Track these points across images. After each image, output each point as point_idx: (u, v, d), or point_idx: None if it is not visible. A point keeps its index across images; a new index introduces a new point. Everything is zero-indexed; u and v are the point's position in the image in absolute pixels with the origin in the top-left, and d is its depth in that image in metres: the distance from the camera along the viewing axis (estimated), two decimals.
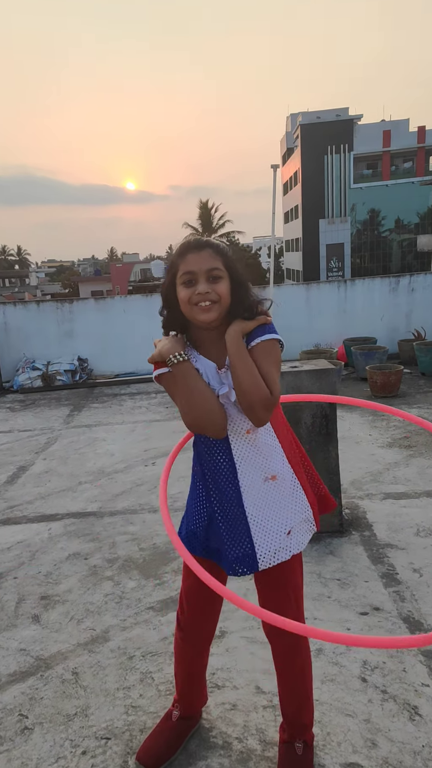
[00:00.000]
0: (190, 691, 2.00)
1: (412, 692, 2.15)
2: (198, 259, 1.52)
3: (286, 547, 1.67)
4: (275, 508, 1.66)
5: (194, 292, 1.51)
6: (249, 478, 1.64)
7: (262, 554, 1.65)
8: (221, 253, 1.55)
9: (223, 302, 1.53)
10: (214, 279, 1.52)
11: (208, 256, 1.52)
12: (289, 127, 48.57)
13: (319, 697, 2.15)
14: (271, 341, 1.56)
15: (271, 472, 1.65)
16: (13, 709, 2.21)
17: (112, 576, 3.15)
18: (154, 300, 9.35)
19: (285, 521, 1.67)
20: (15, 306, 9.23)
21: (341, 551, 3.22)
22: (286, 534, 1.66)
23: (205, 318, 1.53)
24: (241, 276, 1.58)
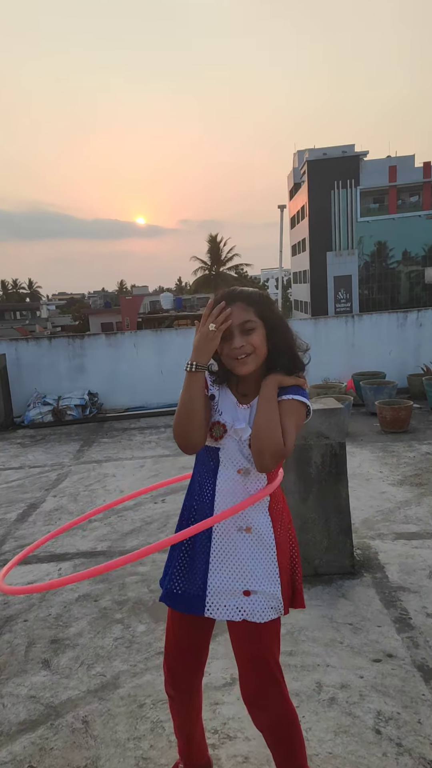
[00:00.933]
0: (188, 748, 1.97)
1: (427, 746, 2.11)
2: (230, 313, 1.56)
3: (240, 608, 1.63)
4: (240, 564, 1.64)
5: (231, 346, 1.57)
6: (222, 523, 1.65)
7: (210, 603, 1.64)
8: (253, 303, 1.59)
9: (259, 352, 1.58)
10: (248, 331, 1.57)
11: (240, 308, 1.57)
12: (296, 163, 49.57)
13: (333, 750, 2.11)
14: (300, 403, 1.60)
15: (248, 523, 1.64)
16: (23, 761, 2.19)
17: (122, 619, 3.13)
18: (163, 335, 9.46)
19: (246, 581, 1.63)
20: (27, 342, 9.36)
21: (353, 594, 3.18)
22: (242, 593, 1.63)
23: (244, 371, 1.59)
24: (276, 321, 1.62)
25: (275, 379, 1.60)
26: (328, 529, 3.41)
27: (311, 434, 3.39)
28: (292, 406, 1.59)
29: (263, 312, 1.59)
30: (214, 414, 1.66)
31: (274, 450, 1.51)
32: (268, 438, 1.51)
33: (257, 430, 1.54)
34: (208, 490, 1.68)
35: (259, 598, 1.64)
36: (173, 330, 9.72)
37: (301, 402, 1.60)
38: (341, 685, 2.46)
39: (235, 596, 1.64)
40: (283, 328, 1.63)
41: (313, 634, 2.84)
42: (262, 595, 1.64)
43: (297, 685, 2.47)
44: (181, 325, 25.20)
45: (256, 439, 1.53)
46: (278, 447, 1.51)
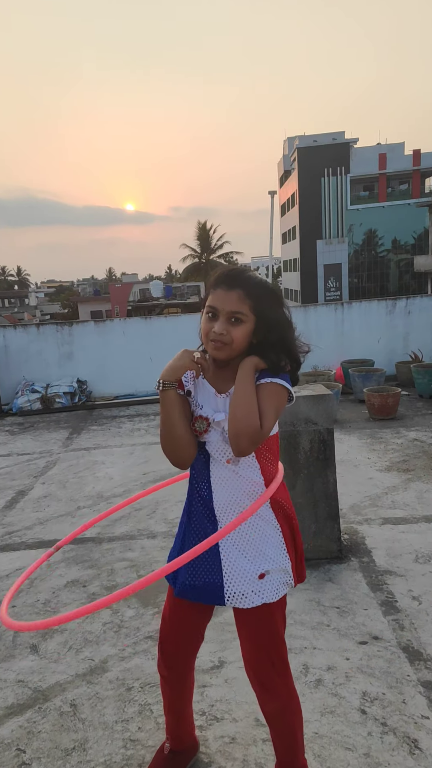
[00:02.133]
0: (176, 727, 1.98)
1: (412, 725, 2.14)
2: (225, 297, 1.52)
3: (257, 591, 1.63)
4: (249, 549, 1.64)
5: (212, 328, 1.53)
6: (223, 510, 1.64)
7: (230, 592, 1.64)
8: (253, 297, 1.53)
9: (236, 345, 1.54)
10: (235, 321, 1.52)
11: (236, 298, 1.52)
12: (286, 150, 49.28)
13: (319, 729, 2.14)
14: (281, 387, 1.55)
15: (246, 507, 1.63)
16: (10, 744, 2.20)
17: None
18: (153, 323, 9.42)
19: (259, 563, 1.64)
20: (15, 329, 9.28)
21: (340, 578, 3.21)
22: (257, 577, 1.63)
23: (215, 355, 1.57)
24: (275, 319, 1.56)
25: (251, 361, 1.55)
26: (316, 514, 3.43)
27: (300, 420, 3.40)
28: (271, 388, 1.54)
29: (261, 307, 1.54)
30: (195, 409, 1.64)
31: (249, 432, 1.47)
32: (244, 419, 1.47)
33: (233, 412, 1.50)
34: (205, 484, 1.67)
35: (272, 578, 1.65)
36: (163, 317, 9.67)
37: (282, 385, 1.55)
38: (327, 667, 2.49)
39: (252, 581, 1.63)
40: (283, 327, 1.58)
41: (300, 617, 2.86)
42: (275, 573, 1.66)
43: None
44: (172, 313, 25.12)
45: (232, 421, 1.50)
46: (254, 429, 1.47)
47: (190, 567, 1.69)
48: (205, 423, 1.61)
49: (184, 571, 1.71)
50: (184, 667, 1.88)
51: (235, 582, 1.64)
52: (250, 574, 1.63)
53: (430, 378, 7.59)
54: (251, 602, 1.63)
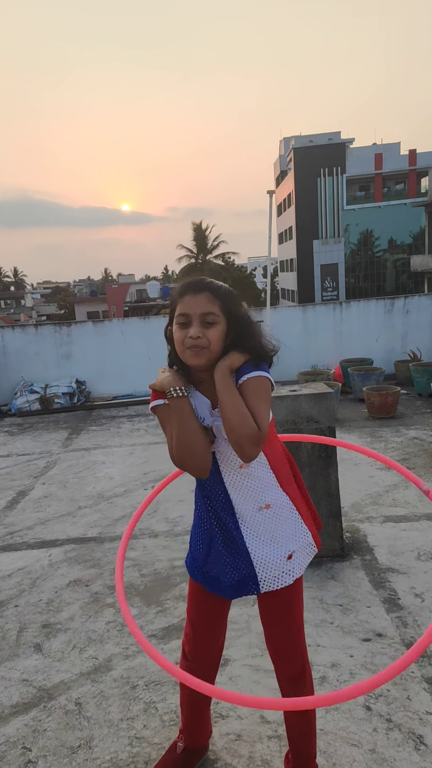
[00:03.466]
0: (195, 722, 1.99)
1: (416, 721, 2.15)
2: (194, 302, 1.53)
3: (288, 571, 1.69)
4: (273, 535, 1.69)
5: (187, 335, 1.53)
6: (243, 508, 1.68)
7: (263, 578, 1.68)
8: (220, 297, 1.54)
9: (213, 348, 1.53)
10: (208, 324, 1.53)
11: (206, 300, 1.53)
12: (282, 150, 49.33)
13: (324, 726, 2.15)
14: (261, 378, 1.54)
15: (264, 502, 1.67)
16: (16, 742, 2.20)
17: (113, 603, 3.14)
18: (151, 322, 9.42)
19: (284, 547, 1.69)
20: (14, 330, 9.27)
21: (343, 576, 3.22)
22: (286, 559, 1.69)
23: (194, 362, 1.55)
24: (242, 318, 1.58)
25: (226, 363, 1.54)
26: (318, 513, 3.43)
27: (302, 419, 3.40)
28: (252, 384, 1.52)
29: (228, 308, 1.55)
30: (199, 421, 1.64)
31: (249, 437, 1.46)
32: (240, 427, 1.46)
33: (227, 422, 1.48)
34: (220, 489, 1.68)
35: (299, 555, 1.71)
36: (161, 317, 9.68)
37: (261, 376, 1.54)
38: (332, 664, 2.49)
39: (282, 564, 1.68)
40: (248, 325, 1.59)
41: (303, 615, 2.86)
42: (301, 550, 1.72)
43: None
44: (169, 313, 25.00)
45: (229, 432, 1.48)
46: (253, 433, 1.46)
47: (223, 567, 1.72)
48: (210, 433, 1.62)
49: (219, 572, 1.74)
50: (215, 657, 1.92)
51: (266, 569, 1.68)
52: (278, 558, 1.68)
53: (428, 376, 7.61)
54: (284, 582, 1.69)
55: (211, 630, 1.87)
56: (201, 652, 1.89)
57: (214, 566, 1.75)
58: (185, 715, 1.99)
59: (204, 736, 2.04)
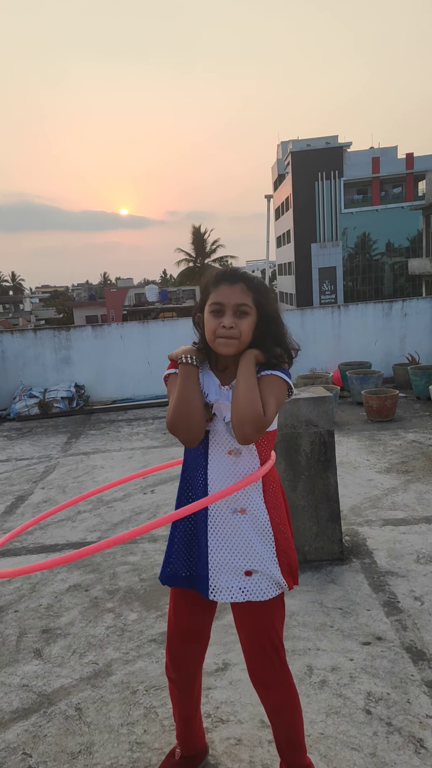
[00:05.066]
0: (187, 733, 1.99)
1: (417, 724, 2.15)
2: (229, 292, 1.56)
3: (242, 587, 1.65)
4: (238, 545, 1.65)
5: (220, 324, 1.55)
6: (216, 506, 1.66)
7: (214, 585, 1.66)
8: (253, 290, 1.58)
9: (243, 339, 1.57)
10: (240, 314, 1.56)
11: (240, 290, 1.56)
12: (280, 154, 49.46)
13: (324, 730, 2.15)
14: (281, 379, 1.59)
15: (241, 505, 1.65)
16: (16, 748, 2.19)
17: (113, 608, 3.14)
18: (150, 327, 9.43)
19: (245, 561, 1.65)
20: (12, 334, 9.27)
21: (342, 579, 3.22)
22: (243, 573, 1.65)
23: (224, 351, 1.58)
24: (271, 313, 1.61)
25: (252, 354, 1.58)
26: (317, 516, 3.44)
27: (300, 422, 3.41)
28: (272, 380, 1.58)
29: (261, 301, 1.59)
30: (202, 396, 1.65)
31: (253, 419, 1.48)
32: (247, 407, 1.49)
33: (236, 400, 1.52)
34: (201, 473, 1.68)
35: (260, 578, 1.66)
36: (160, 321, 9.69)
37: (282, 378, 1.59)
38: (332, 668, 2.49)
39: (237, 576, 1.65)
40: (277, 321, 1.62)
41: (303, 619, 2.87)
42: (263, 575, 1.66)
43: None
44: (168, 317, 25.12)
45: (235, 409, 1.52)
46: (257, 416, 1.49)
47: (183, 558, 1.73)
48: (209, 410, 1.63)
49: (173, 560, 1.75)
50: (192, 671, 1.89)
51: (219, 576, 1.66)
52: (235, 568, 1.65)
53: (427, 379, 7.62)
54: (234, 597, 1.65)
55: (186, 646, 1.83)
56: (178, 668, 1.86)
57: (176, 558, 1.74)
58: (177, 725, 1.99)
59: (196, 742, 2.02)
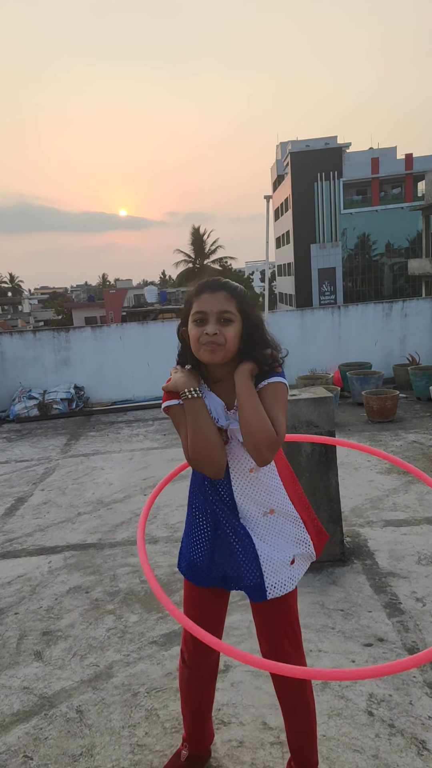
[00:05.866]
0: (198, 728, 1.98)
1: (419, 726, 2.14)
2: (211, 300, 1.55)
3: (291, 577, 1.71)
4: (279, 540, 1.70)
5: (203, 332, 1.54)
6: (248, 511, 1.69)
7: (270, 584, 1.68)
8: (236, 297, 1.57)
9: (229, 346, 1.56)
10: (224, 321, 1.55)
11: (222, 298, 1.55)
12: (279, 155, 49.51)
13: (326, 732, 2.14)
14: (280, 384, 1.59)
15: (269, 507, 1.69)
16: (17, 751, 2.18)
17: (113, 610, 3.13)
18: (150, 327, 9.42)
19: (288, 551, 1.71)
20: (12, 335, 9.27)
21: (344, 581, 3.22)
22: (290, 564, 1.70)
23: (209, 359, 1.57)
24: (255, 320, 1.60)
25: (247, 367, 1.57)
26: (319, 517, 3.43)
27: (301, 423, 3.40)
28: (273, 390, 1.57)
29: (244, 308, 1.58)
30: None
31: (268, 442, 1.49)
32: (259, 431, 1.49)
33: (246, 426, 1.51)
34: (226, 492, 1.69)
35: (300, 560, 1.73)
36: (159, 322, 9.68)
37: (280, 382, 1.59)
38: None
39: (286, 568, 1.69)
40: (261, 327, 1.62)
41: (305, 620, 2.86)
42: (301, 557, 1.74)
43: None
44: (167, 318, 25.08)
45: (247, 436, 1.51)
46: (272, 438, 1.49)
47: (225, 561, 1.73)
48: (225, 435, 1.63)
49: (219, 564, 1.74)
50: (210, 665, 1.91)
51: (273, 573, 1.68)
52: (283, 562, 1.69)
53: (427, 380, 7.62)
54: (287, 588, 1.70)
55: (206, 622, 1.82)
56: (200, 657, 1.88)
57: (219, 568, 1.74)
58: (187, 721, 1.98)
59: (207, 741, 2.03)
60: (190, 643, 1.87)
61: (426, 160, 42.03)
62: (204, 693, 1.95)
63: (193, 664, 1.89)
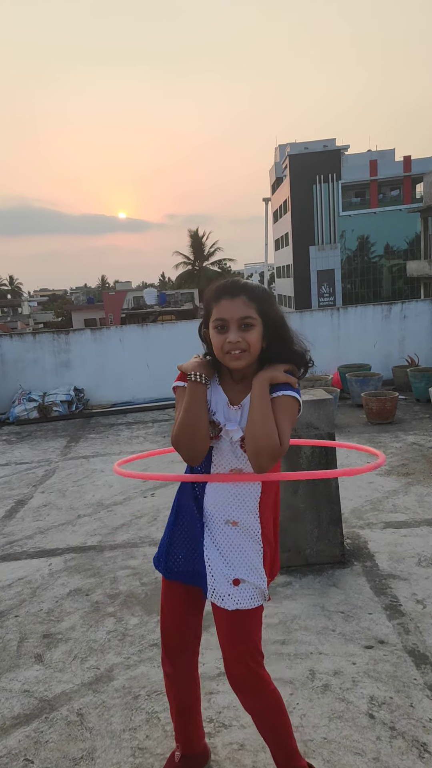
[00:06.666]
0: (185, 729, 1.98)
1: (420, 728, 2.14)
2: (231, 306, 1.54)
3: (232, 595, 1.67)
4: (230, 554, 1.69)
5: (225, 339, 1.54)
6: (210, 514, 1.70)
7: (212, 588, 1.68)
8: (256, 299, 1.56)
9: (252, 351, 1.56)
10: (245, 327, 1.54)
11: (242, 303, 1.54)
12: (278, 157, 49.56)
13: (327, 735, 2.14)
14: (293, 399, 1.58)
15: (234, 517, 1.68)
16: (18, 754, 2.18)
17: (114, 612, 3.13)
18: (149, 330, 9.43)
19: (234, 571, 1.68)
20: (11, 338, 9.27)
21: (344, 583, 3.21)
22: (231, 583, 1.67)
23: (235, 365, 1.58)
24: (277, 320, 1.60)
25: (266, 376, 1.57)
26: (319, 519, 3.43)
27: (301, 425, 3.40)
28: (285, 402, 1.56)
29: (264, 309, 1.57)
30: (209, 414, 1.65)
31: (270, 450, 1.49)
32: (264, 438, 1.48)
33: (253, 430, 1.51)
34: (199, 487, 1.71)
35: (247, 587, 1.68)
36: (159, 324, 9.68)
37: (294, 398, 1.58)
38: (334, 672, 2.48)
39: (227, 584, 1.68)
40: (284, 326, 1.61)
41: (305, 622, 2.86)
42: (250, 585, 1.69)
43: (290, 673, 2.49)
44: (166, 320, 25.11)
45: (252, 439, 1.51)
46: (275, 447, 1.49)
47: (184, 554, 1.76)
48: (217, 428, 1.64)
49: (177, 556, 1.77)
50: (187, 663, 1.90)
51: (216, 581, 1.68)
52: (226, 577, 1.68)
53: (427, 382, 7.62)
54: (228, 605, 1.67)
55: (183, 632, 1.86)
56: (173, 659, 1.88)
57: (177, 562, 1.76)
58: (175, 721, 1.99)
59: (196, 742, 2.01)
60: (163, 646, 1.88)
61: (424, 162, 42.12)
62: (185, 694, 1.94)
63: (168, 668, 1.89)
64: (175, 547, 1.78)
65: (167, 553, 1.79)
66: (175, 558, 1.77)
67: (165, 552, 1.80)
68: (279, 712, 1.79)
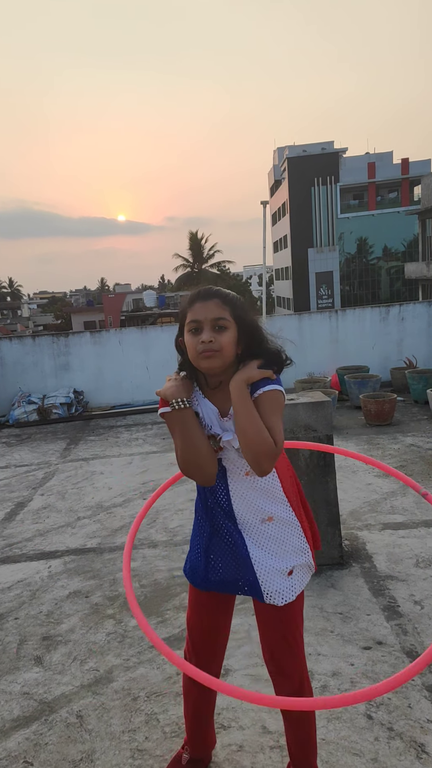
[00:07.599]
0: (200, 732, 1.99)
1: (418, 729, 2.15)
2: (204, 308, 1.56)
3: (290, 587, 1.70)
4: (277, 548, 1.70)
5: (199, 340, 1.56)
6: (245, 517, 1.70)
7: (267, 590, 1.69)
8: (230, 304, 1.58)
9: (225, 353, 1.56)
10: (219, 329, 1.56)
11: (215, 306, 1.56)
12: (276, 160, 49.66)
13: (326, 735, 2.15)
14: (275, 392, 1.58)
15: (267, 514, 1.69)
16: (17, 756, 2.19)
17: (113, 614, 3.14)
18: (148, 332, 9.44)
19: (287, 561, 1.70)
20: (11, 340, 9.28)
21: (342, 584, 3.23)
22: (287, 574, 1.69)
23: (207, 365, 1.57)
24: (251, 324, 1.61)
25: (242, 377, 1.56)
26: (317, 521, 3.44)
27: (299, 427, 3.42)
28: (269, 398, 1.56)
29: (238, 314, 1.59)
30: (205, 429, 1.66)
31: (267, 453, 1.49)
32: (257, 443, 1.49)
33: (243, 437, 1.51)
34: (223, 497, 1.71)
35: (299, 571, 1.73)
36: (158, 327, 9.70)
37: (276, 390, 1.58)
38: (332, 673, 2.49)
39: (284, 578, 1.69)
40: (258, 331, 1.63)
41: (304, 624, 2.86)
42: (301, 567, 1.73)
43: None
44: (165, 322, 25.11)
45: (246, 447, 1.51)
46: (270, 449, 1.49)
47: (221, 564, 1.75)
48: (218, 441, 1.64)
49: (215, 568, 1.76)
50: (216, 665, 1.91)
51: (269, 580, 1.69)
52: (280, 571, 1.69)
53: (425, 383, 7.64)
54: (287, 598, 1.69)
55: (213, 639, 1.87)
56: (203, 662, 1.88)
57: (215, 572, 1.76)
58: (189, 724, 1.99)
59: (209, 745, 2.04)
60: (191, 646, 1.88)
61: (422, 165, 42.26)
62: (206, 696, 1.95)
63: (198, 658, 1.89)
64: (214, 556, 1.76)
65: (206, 564, 1.78)
66: (215, 567, 1.76)
67: (203, 564, 1.78)
68: (311, 693, 1.84)
